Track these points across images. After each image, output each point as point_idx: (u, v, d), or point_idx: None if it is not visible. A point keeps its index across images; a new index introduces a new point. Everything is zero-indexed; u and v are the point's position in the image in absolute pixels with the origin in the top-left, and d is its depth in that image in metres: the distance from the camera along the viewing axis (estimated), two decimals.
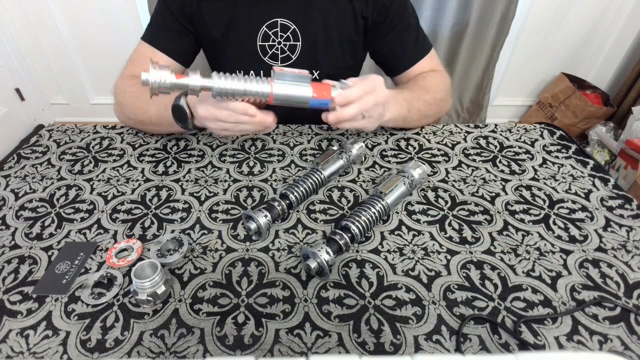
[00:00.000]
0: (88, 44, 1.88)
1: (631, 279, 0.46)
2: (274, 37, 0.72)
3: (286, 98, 0.52)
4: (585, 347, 0.40)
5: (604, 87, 1.98)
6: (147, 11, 1.68)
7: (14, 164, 0.66)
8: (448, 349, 0.39)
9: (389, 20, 0.72)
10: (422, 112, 0.70)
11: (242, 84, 0.49)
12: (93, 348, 0.39)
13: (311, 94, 0.52)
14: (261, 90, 0.50)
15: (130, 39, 1.84)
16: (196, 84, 0.47)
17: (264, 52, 0.74)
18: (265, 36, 0.72)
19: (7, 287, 0.46)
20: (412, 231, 0.52)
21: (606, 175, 0.62)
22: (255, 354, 0.39)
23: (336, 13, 0.71)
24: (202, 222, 0.54)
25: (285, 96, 0.51)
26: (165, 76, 0.46)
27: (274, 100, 0.51)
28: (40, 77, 2.01)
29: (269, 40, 0.73)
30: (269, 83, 0.50)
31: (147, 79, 0.45)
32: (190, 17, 0.72)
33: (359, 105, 0.54)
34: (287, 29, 0.72)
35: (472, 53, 1.81)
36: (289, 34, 0.72)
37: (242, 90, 0.49)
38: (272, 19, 0.71)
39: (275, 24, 0.71)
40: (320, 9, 0.71)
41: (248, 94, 0.49)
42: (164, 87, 0.47)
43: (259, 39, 0.72)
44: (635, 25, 1.80)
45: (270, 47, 0.73)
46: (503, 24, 1.71)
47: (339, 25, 0.73)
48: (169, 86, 0.47)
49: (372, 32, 0.74)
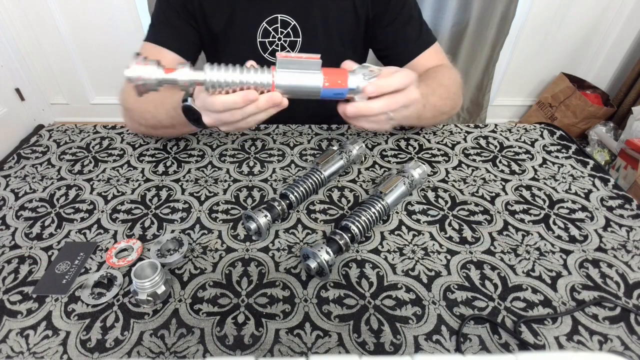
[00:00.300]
0: (88, 43, 1.88)
1: (631, 279, 0.46)
2: (274, 33, 0.72)
3: (292, 89, 0.44)
4: (585, 347, 0.40)
5: (604, 87, 1.98)
6: (147, 11, 1.67)
7: (14, 164, 0.66)
8: (448, 349, 0.39)
9: (390, 12, 0.72)
10: (437, 108, 0.65)
11: (238, 75, 0.42)
12: (93, 348, 0.39)
13: (322, 82, 0.44)
14: (261, 80, 0.43)
15: (131, 39, 1.84)
16: (185, 78, 0.42)
17: (264, 49, 0.74)
18: (265, 32, 0.72)
19: (7, 287, 0.46)
20: (412, 231, 0.52)
21: (606, 175, 0.62)
22: (255, 354, 0.39)
23: (336, 8, 0.71)
24: (202, 222, 0.54)
25: (290, 87, 0.44)
26: (150, 71, 0.41)
27: (277, 90, 0.45)
28: (40, 77, 2.01)
29: (269, 37, 0.73)
30: (271, 72, 0.43)
31: (130, 76, 0.40)
32: (192, 14, 0.72)
33: (389, 102, 0.46)
34: (287, 24, 0.72)
35: (472, 53, 1.81)
36: (289, 29, 0.72)
37: (238, 81, 0.42)
38: (272, 14, 0.71)
39: (276, 20, 0.71)
40: (321, 4, 0.71)
41: (246, 85, 0.43)
42: (150, 84, 0.41)
43: (259, 35, 0.72)
44: (635, 25, 1.80)
45: (270, 44, 0.73)
46: (503, 24, 1.71)
47: (339, 20, 0.72)
48: (155, 82, 0.41)
49: (373, 25, 0.74)
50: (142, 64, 0.40)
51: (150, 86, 0.41)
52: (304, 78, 0.44)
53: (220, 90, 0.43)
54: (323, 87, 0.44)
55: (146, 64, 0.41)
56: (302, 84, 0.44)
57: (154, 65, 0.41)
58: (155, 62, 0.41)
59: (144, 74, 0.40)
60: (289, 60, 0.43)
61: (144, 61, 0.41)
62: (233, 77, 0.42)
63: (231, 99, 0.43)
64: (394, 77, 0.46)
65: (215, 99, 0.44)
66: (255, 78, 0.43)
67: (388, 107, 0.47)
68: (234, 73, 0.42)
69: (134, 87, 0.41)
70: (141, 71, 0.40)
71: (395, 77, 0.46)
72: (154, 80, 0.41)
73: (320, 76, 0.44)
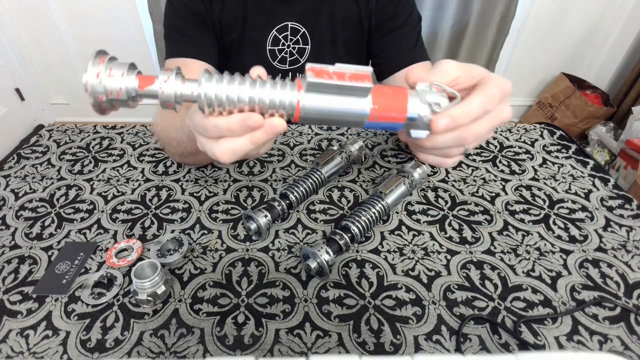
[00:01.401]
0: (88, 43, 1.88)
1: (631, 279, 0.46)
2: (283, 40, 0.72)
3: (323, 114, 0.29)
4: (585, 347, 0.40)
5: (604, 87, 1.98)
6: (147, 11, 1.68)
7: (14, 164, 0.66)
8: (448, 349, 0.39)
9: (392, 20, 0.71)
10: None
11: (246, 90, 0.28)
12: (93, 348, 0.39)
13: (369, 111, 0.29)
14: (280, 98, 0.28)
15: (131, 39, 1.84)
16: (169, 91, 0.28)
17: (273, 57, 0.73)
18: (274, 40, 0.72)
19: (7, 287, 0.46)
20: (412, 231, 0.52)
21: (606, 175, 0.62)
22: (255, 354, 0.39)
23: (342, 16, 0.71)
24: (202, 222, 0.54)
25: (322, 111, 0.29)
26: (116, 79, 0.27)
27: (302, 115, 0.29)
28: (40, 77, 2.01)
29: (279, 45, 0.72)
30: (295, 88, 0.29)
31: (88, 84, 0.27)
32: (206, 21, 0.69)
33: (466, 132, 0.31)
34: (297, 32, 0.71)
35: (472, 53, 1.81)
36: (298, 37, 0.72)
37: (246, 98, 0.28)
38: (283, 22, 0.70)
39: (286, 27, 0.71)
40: (328, 12, 0.71)
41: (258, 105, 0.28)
42: (113, 98, 0.28)
43: (269, 43, 0.72)
44: (635, 25, 1.80)
45: (279, 51, 0.73)
46: (503, 23, 1.71)
47: (345, 28, 0.72)
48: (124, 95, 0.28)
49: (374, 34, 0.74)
50: (106, 65, 0.27)
51: (115, 101, 0.28)
52: (343, 102, 0.29)
53: (221, 111, 0.29)
54: (369, 119, 0.30)
55: (114, 64, 0.28)
56: (340, 108, 0.29)
57: (121, 69, 0.27)
58: (125, 66, 0.28)
59: (108, 83, 0.27)
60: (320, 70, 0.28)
61: (109, 63, 0.27)
62: (239, 93, 0.28)
63: (222, 123, 0.29)
64: (474, 100, 0.31)
65: (207, 122, 0.30)
66: (272, 95, 0.28)
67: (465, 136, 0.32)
68: (241, 87, 0.28)
69: (93, 102, 0.28)
70: (103, 77, 0.27)
71: (476, 100, 0.31)
72: (121, 90, 0.27)
73: (369, 100, 0.29)
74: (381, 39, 0.73)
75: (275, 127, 0.30)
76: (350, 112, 0.29)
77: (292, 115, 0.29)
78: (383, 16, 0.71)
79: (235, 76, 0.28)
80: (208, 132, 0.30)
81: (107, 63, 0.27)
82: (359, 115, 0.29)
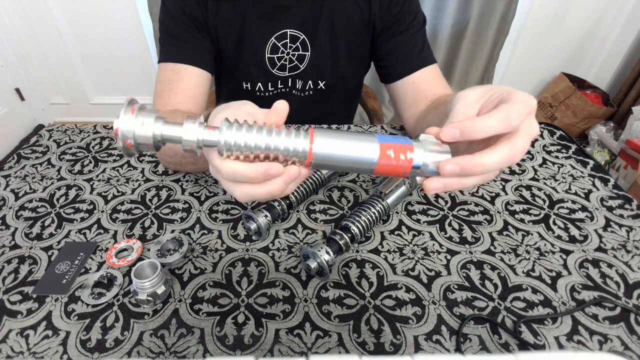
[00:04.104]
0: (88, 43, 1.88)
1: (631, 279, 0.46)
2: (282, 48, 0.71)
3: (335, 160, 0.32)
4: (585, 347, 0.40)
5: (604, 87, 1.98)
6: (147, 11, 1.68)
7: (14, 164, 0.66)
8: (448, 349, 0.39)
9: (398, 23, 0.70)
10: None
11: (263, 138, 0.31)
12: (93, 348, 0.39)
13: (377, 156, 0.32)
14: (294, 146, 0.31)
15: (131, 39, 1.84)
16: (192, 138, 0.30)
17: (272, 65, 0.72)
18: (273, 48, 0.71)
19: (7, 287, 0.46)
20: (412, 231, 0.52)
21: (606, 175, 0.62)
22: (255, 354, 0.39)
23: (343, 21, 0.70)
24: (202, 222, 0.54)
25: (333, 157, 0.32)
26: (146, 125, 0.29)
27: (314, 161, 0.32)
28: (40, 77, 2.01)
29: (278, 52, 0.71)
30: (308, 137, 0.31)
31: (120, 129, 0.29)
32: (202, 25, 0.68)
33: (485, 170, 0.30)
34: (297, 39, 0.70)
35: (472, 53, 1.81)
36: (298, 44, 0.71)
37: (263, 146, 0.31)
38: (282, 30, 0.69)
39: (285, 35, 0.70)
40: (328, 18, 0.70)
41: (273, 152, 0.31)
42: (142, 143, 0.30)
43: (268, 51, 0.71)
44: (635, 25, 1.80)
45: (278, 59, 0.72)
46: (503, 24, 1.71)
47: (346, 32, 0.71)
48: (151, 140, 0.30)
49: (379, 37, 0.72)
50: (136, 114, 0.29)
51: (142, 146, 0.30)
52: (352, 147, 0.32)
53: (238, 155, 0.31)
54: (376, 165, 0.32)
55: (141, 114, 0.30)
56: (350, 154, 0.32)
57: (151, 117, 0.30)
58: (152, 115, 0.30)
59: (137, 129, 0.29)
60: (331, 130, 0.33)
61: (140, 111, 0.30)
62: (257, 140, 0.31)
63: (245, 172, 0.31)
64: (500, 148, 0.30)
65: (224, 165, 0.31)
66: (287, 143, 0.31)
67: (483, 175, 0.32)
68: (259, 135, 0.31)
69: (122, 146, 0.30)
70: (133, 125, 0.29)
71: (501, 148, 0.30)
72: (149, 137, 0.30)
73: (377, 145, 0.32)
74: (387, 41, 0.72)
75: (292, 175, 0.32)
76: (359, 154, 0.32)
77: (303, 163, 0.32)
78: (388, 19, 0.70)
79: (253, 126, 0.31)
80: (221, 173, 0.32)
81: (137, 112, 0.30)
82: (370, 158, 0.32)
